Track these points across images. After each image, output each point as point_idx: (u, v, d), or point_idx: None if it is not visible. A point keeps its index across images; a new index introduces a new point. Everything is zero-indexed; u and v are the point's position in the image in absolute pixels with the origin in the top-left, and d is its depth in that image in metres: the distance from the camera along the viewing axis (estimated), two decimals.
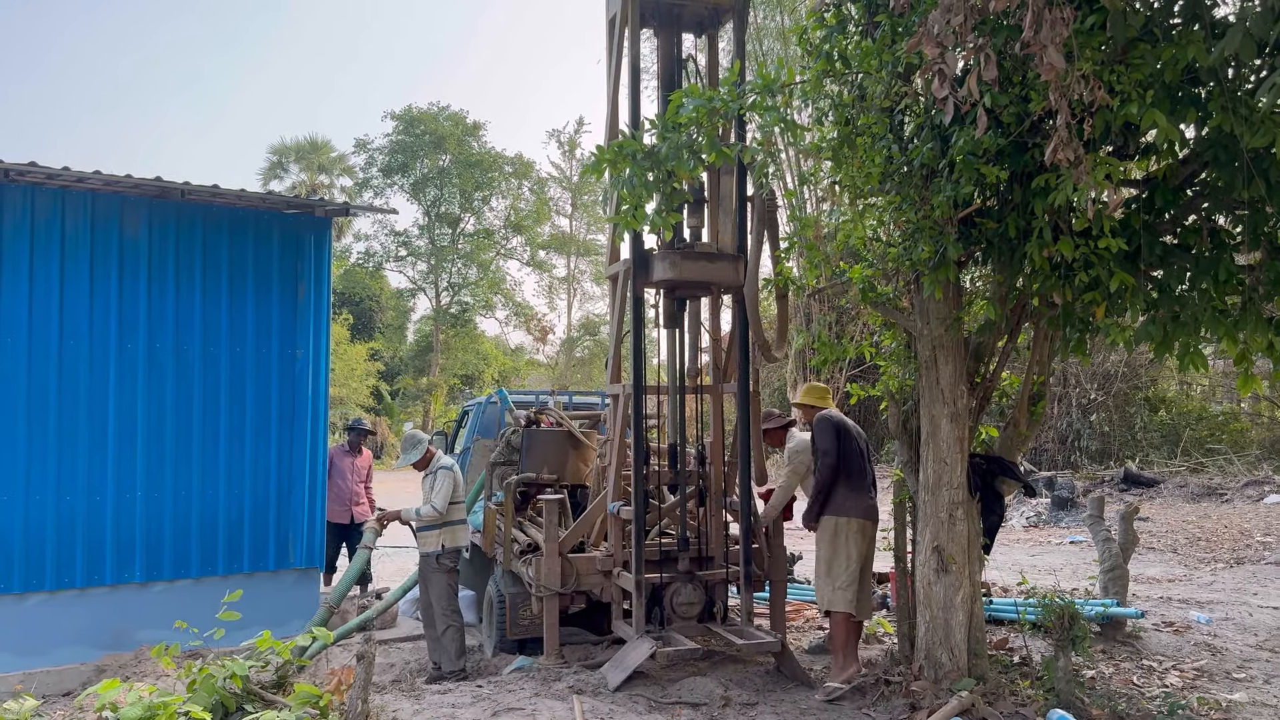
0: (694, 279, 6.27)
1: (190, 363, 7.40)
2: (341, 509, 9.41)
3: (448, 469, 6.98)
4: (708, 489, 6.74)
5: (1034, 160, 5.04)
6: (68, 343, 7.01)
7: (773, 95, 4.70)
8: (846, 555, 6.06)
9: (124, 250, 7.21)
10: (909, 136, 5.43)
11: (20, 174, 6.80)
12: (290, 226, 7.85)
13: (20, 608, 6.86)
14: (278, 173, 44.46)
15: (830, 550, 6.10)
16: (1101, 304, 5.23)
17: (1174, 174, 5.26)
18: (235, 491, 7.54)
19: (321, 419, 7.94)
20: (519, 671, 6.36)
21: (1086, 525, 9.07)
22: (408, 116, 41.55)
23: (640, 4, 6.43)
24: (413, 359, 43.53)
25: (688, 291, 6.64)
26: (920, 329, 5.75)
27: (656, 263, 6.24)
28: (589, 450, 7.69)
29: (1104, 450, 21.28)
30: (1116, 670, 6.46)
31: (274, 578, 7.66)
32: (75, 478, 7.03)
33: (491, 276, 44.21)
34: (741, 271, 6.27)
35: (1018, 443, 6.22)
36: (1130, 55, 4.50)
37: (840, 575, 6.04)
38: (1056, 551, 12.63)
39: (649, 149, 4.46)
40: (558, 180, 45.63)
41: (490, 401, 9.79)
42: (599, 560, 6.65)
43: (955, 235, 5.20)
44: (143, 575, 7.22)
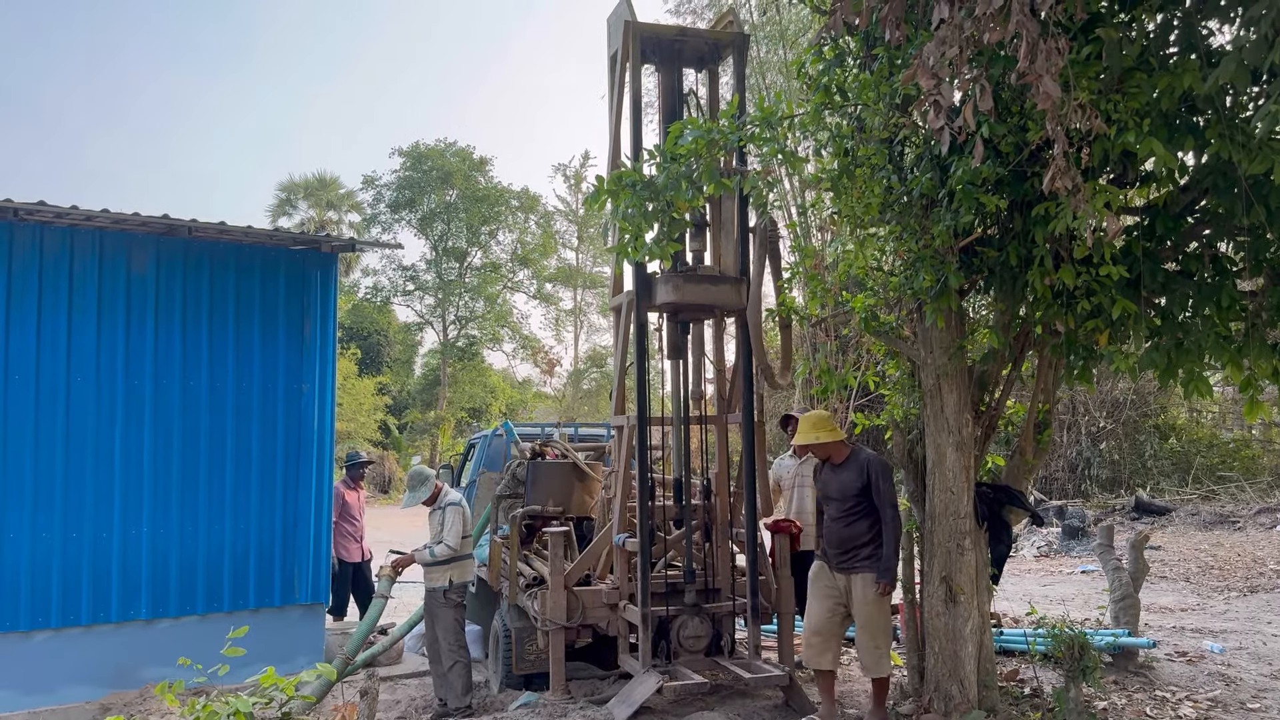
0: (697, 302, 6.29)
1: (197, 399, 7.43)
2: (355, 546, 9.40)
3: (456, 505, 6.98)
4: (714, 520, 6.71)
5: (1033, 189, 5.06)
6: (75, 380, 7.05)
7: (772, 127, 4.74)
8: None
9: (131, 288, 7.27)
10: (908, 167, 5.46)
11: (29, 213, 6.87)
12: (297, 262, 7.91)
13: (26, 645, 6.84)
14: (286, 209, 44.86)
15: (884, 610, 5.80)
16: (1104, 331, 5.24)
17: (1174, 201, 5.28)
18: (241, 527, 7.54)
19: (328, 454, 7.95)
20: (525, 707, 6.31)
21: (1096, 554, 9.00)
22: (415, 153, 41.92)
23: (641, 40, 6.49)
24: (420, 393, 43.60)
25: (691, 315, 6.66)
26: (923, 358, 5.76)
27: (659, 286, 6.28)
28: (594, 482, 7.68)
29: (1114, 479, 21.12)
30: (1129, 701, 6.39)
31: (280, 614, 7.63)
32: (82, 514, 7.04)
33: (498, 310, 44.38)
34: (744, 294, 6.29)
35: (1025, 471, 6.20)
36: (1127, 84, 4.54)
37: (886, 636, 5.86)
38: (1068, 581, 12.52)
39: (648, 179, 4.49)
40: (564, 214, 45.95)
41: (496, 434, 9.80)
42: (605, 593, 6.61)
43: (957, 264, 5.22)
44: (148, 612, 7.20)
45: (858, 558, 5.74)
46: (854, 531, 5.76)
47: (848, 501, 5.78)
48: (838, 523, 5.84)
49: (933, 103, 3.30)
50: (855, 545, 5.75)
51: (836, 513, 5.86)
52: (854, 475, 5.80)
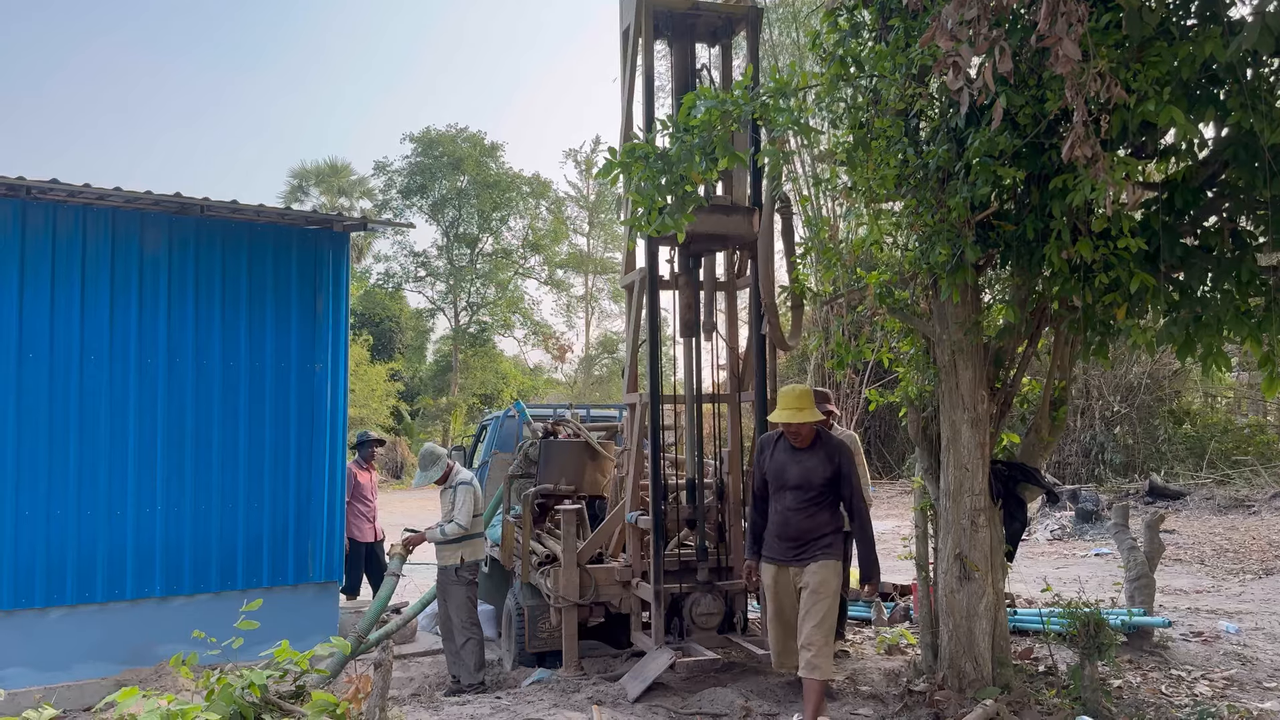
0: (709, 231, 6.24)
1: (210, 378, 7.43)
2: (369, 526, 9.43)
3: (467, 484, 6.98)
4: (727, 499, 6.69)
5: (1051, 161, 5.01)
6: (89, 359, 7.06)
7: (786, 99, 4.69)
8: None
9: (144, 267, 7.26)
10: (925, 140, 5.40)
11: (43, 192, 6.87)
12: (309, 242, 7.89)
13: (42, 622, 6.88)
14: (299, 196, 44.98)
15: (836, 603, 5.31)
16: (1122, 305, 5.18)
17: (1194, 175, 5.21)
18: (254, 505, 7.55)
19: (341, 432, 7.95)
20: (538, 684, 6.32)
21: (1111, 534, 8.95)
22: (426, 139, 41.90)
23: (654, 15, 6.45)
24: (432, 379, 43.68)
25: (702, 246, 6.59)
26: (939, 334, 5.71)
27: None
28: (606, 461, 7.67)
29: (1128, 463, 21.02)
30: (1144, 680, 6.35)
31: (293, 592, 7.65)
32: (96, 493, 7.06)
33: (510, 296, 44.39)
34: (756, 225, 6.20)
35: (1040, 448, 6.15)
36: (1146, 53, 4.47)
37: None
38: (1082, 564, 12.47)
39: (661, 151, 4.46)
40: (575, 199, 45.85)
41: (508, 415, 9.79)
42: (617, 571, 6.61)
43: (973, 238, 5.17)
44: (163, 590, 7.23)
45: (817, 547, 5.22)
46: (815, 523, 5.24)
47: (810, 490, 5.23)
48: (797, 514, 5.24)
49: (952, 64, 3.25)
50: (815, 537, 5.24)
51: (795, 503, 5.24)
52: (820, 462, 5.25)
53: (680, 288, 6.71)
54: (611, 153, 4.64)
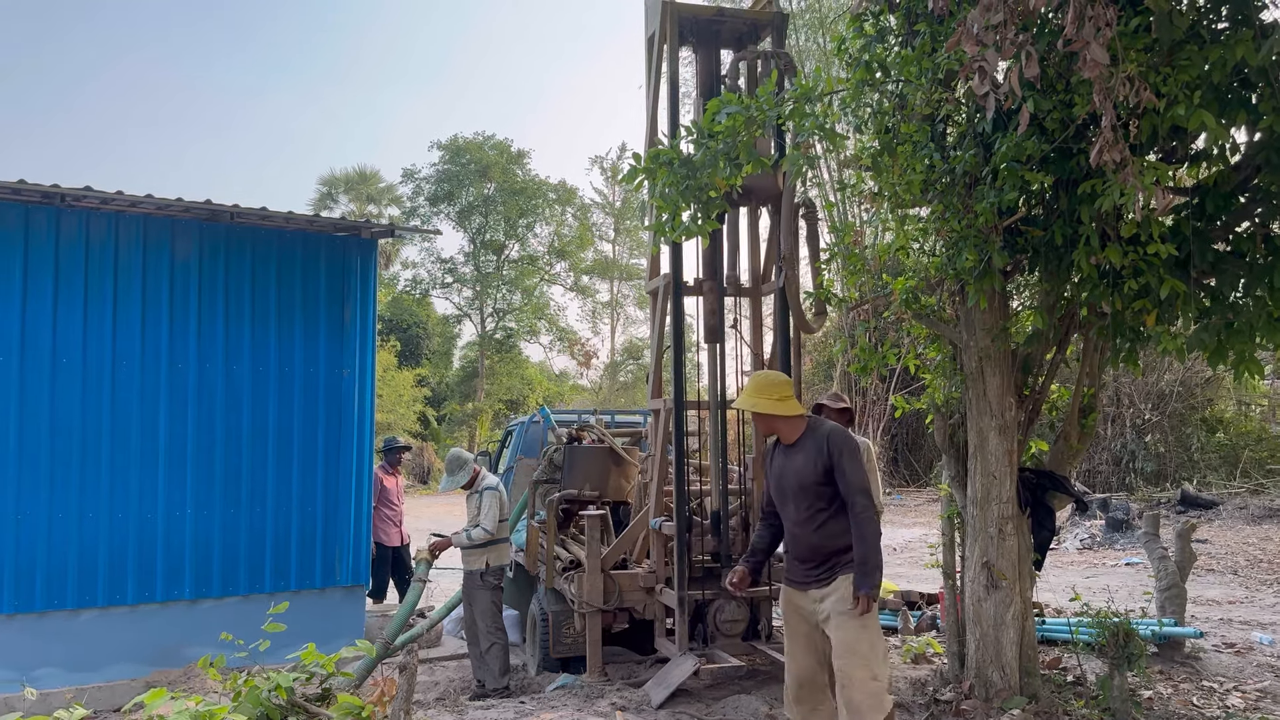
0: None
1: (239, 382, 7.52)
2: (395, 530, 9.49)
3: (493, 489, 7.01)
4: (751, 505, 6.67)
5: (1079, 166, 4.97)
6: (121, 364, 7.15)
7: (811, 104, 4.69)
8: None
9: (175, 273, 7.36)
10: (951, 145, 5.37)
11: (76, 199, 6.98)
12: (337, 248, 7.97)
13: (73, 624, 6.97)
14: (327, 203, 45.42)
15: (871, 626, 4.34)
16: (1152, 312, 5.12)
17: (1226, 180, 5.15)
18: (283, 509, 7.62)
19: (368, 437, 8.01)
20: (562, 689, 6.33)
21: (1142, 543, 8.84)
22: (454, 146, 42.20)
23: (679, 21, 6.46)
24: (458, 384, 43.89)
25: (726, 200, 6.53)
26: (965, 340, 5.67)
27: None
28: (630, 467, 7.67)
29: (1160, 472, 20.75)
30: (1175, 691, 6.26)
31: (320, 595, 7.71)
32: (128, 497, 7.15)
33: (535, 302, 44.55)
34: (781, 181, 6.14)
35: (1069, 456, 6.09)
36: (1176, 56, 4.43)
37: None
38: (1112, 573, 12.32)
39: (685, 157, 4.46)
40: (601, 206, 45.98)
41: (533, 421, 9.82)
42: (641, 577, 6.61)
43: (1000, 243, 5.13)
44: (192, 593, 7.31)
45: (839, 564, 4.35)
46: (826, 535, 4.38)
47: (808, 495, 4.38)
48: (803, 528, 4.42)
49: (977, 69, 3.24)
50: (832, 551, 4.37)
51: (799, 514, 4.42)
52: (810, 458, 4.37)
53: (704, 293, 6.71)
54: (636, 159, 4.65)
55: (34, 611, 6.85)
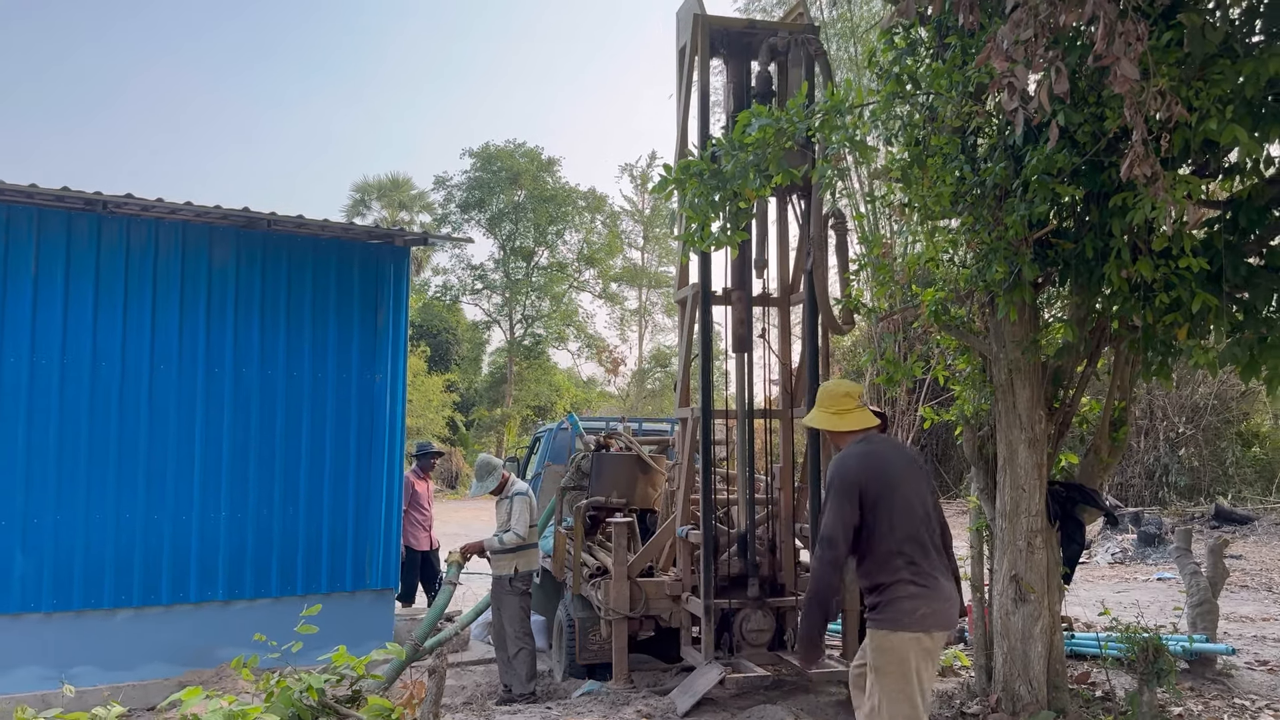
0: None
1: (274, 387, 7.64)
2: (424, 535, 9.58)
3: (523, 494, 7.07)
4: (778, 515, 6.69)
5: (1110, 179, 4.95)
6: (159, 368, 7.29)
7: (841, 116, 4.71)
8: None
9: (212, 279, 7.49)
10: (981, 157, 5.38)
11: (118, 206, 7.13)
12: (371, 255, 8.08)
13: (109, 623, 7.10)
14: (360, 210, 45.91)
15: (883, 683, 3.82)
16: (1184, 325, 5.10)
17: (1260, 194, 5.12)
18: (314, 512, 7.73)
19: (399, 442, 8.11)
20: (588, 695, 6.36)
21: (1174, 558, 8.75)
22: (485, 154, 42.52)
23: (710, 33, 6.51)
24: (487, 390, 44.14)
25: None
26: (995, 352, 5.66)
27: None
28: (658, 475, 7.71)
29: (1193, 486, 20.49)
30: (1205, 708, 6.20)
31: (351, 598, 7.80)
32: (164, 498, 7.27)
33: (564, 309, 44.72)
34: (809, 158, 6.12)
35: (1099, 470, 6.05)
36: (1209, 71, 4.41)
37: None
38: (1143, 588, 12.18)
39: (715, 168, 4.50)
40: (630, 214, 46.11)
41: (561, 427, 9.89)
42: (668, 585, 6.63)
43: (1030, 256, 5.13)
44: (225, 594, 7.42)
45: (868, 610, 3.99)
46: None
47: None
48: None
49: (1007, 85, 3.26)
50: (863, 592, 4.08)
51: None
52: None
53: (733, 303, 6.74)
54: (667, 169, 4.70)
55: (71, 610, 6.98)
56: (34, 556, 6.89)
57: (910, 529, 3.84)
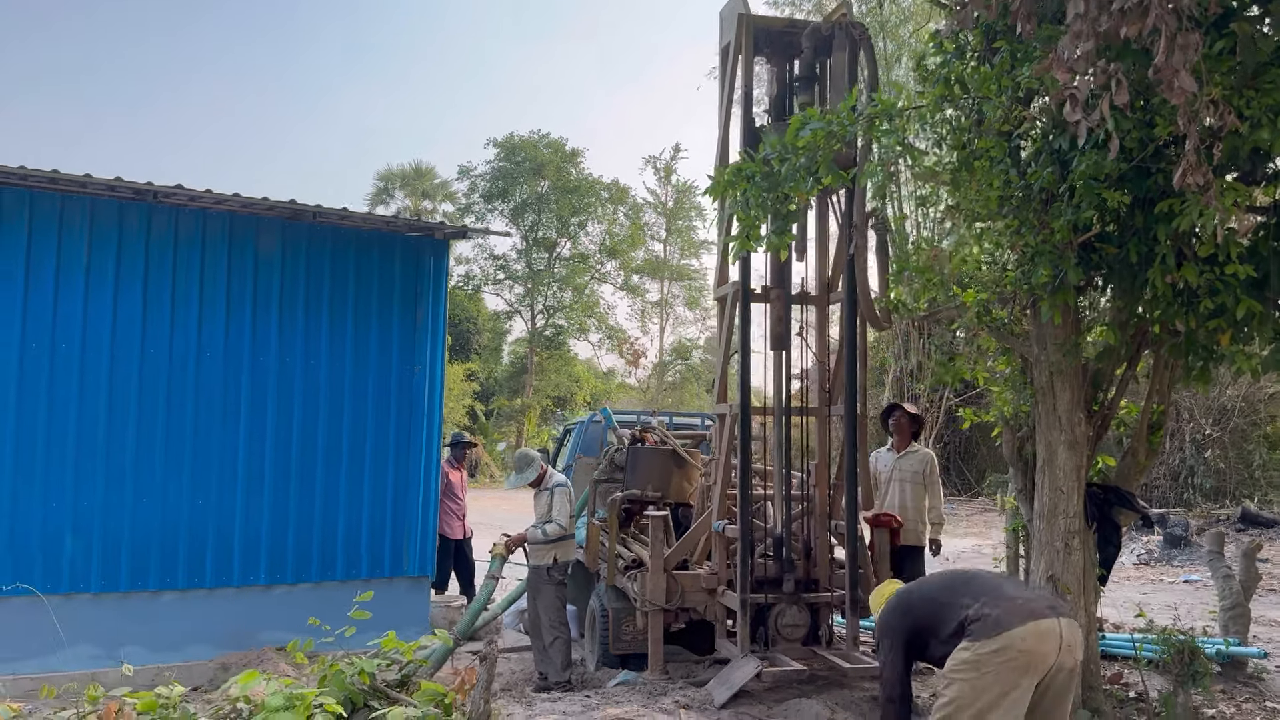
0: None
1: (316, 377, 7.77)
2: (458, 524, 9.71)
3: (564, 485, 7.19)
4: (814, 512, 6.76)
5: (1156, 185, 4.99)
6: (205, 356, 7.43)
7: (890, 120, 4.77)
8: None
9: (259, 270, 7.62)
10: (1027, 161, 5.42)
11: (168, 196, 7.26)
12: (411, 248, 8.20)
13: (155, 604, 7.26)
14: (384, 198, 46.04)
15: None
16: (1227, 331, 5.13)
17: None
18: (354, 499, 7.86)
19: (436, 432, 8.23)
20: (624, 685, 6.46)
21: (1206, 562, 8.77)
22: (509, 144, 42.59)
23: (754, 32, 6.56)
24: (507, 380, 44.30)
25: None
26: (1037, 354, 5.70)
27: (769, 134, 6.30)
28: (692, 469, 7.79)
29: (1219, 488, 20.41)
30: (1238, 711, 6.24)
31: (388, 584, 7.93)
32: (208, 483, 7.42)
33: (586, 300, 44.80)
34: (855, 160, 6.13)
35: (1136, 472, 6.10)
36: (1260, 80, 4.44)
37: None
38: (1170, 590, 12.19)
39: (767, 171, 4.57)
40: (653, 206, 46.08)
41: (594, 420, 9.98)
42: (703, 578, 6.72)
43: (1075, 260, 5.17)
44: (267, 578, 7.57)
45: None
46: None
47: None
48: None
49: (1069, 97, 3.31)
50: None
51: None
52: None
53: (771, 301, 6.80)
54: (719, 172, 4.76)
55: (119, 591, 7.14)
56: (83, 539, 7.05)
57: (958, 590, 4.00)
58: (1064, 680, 3.78)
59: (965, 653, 3.70)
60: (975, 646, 3.67)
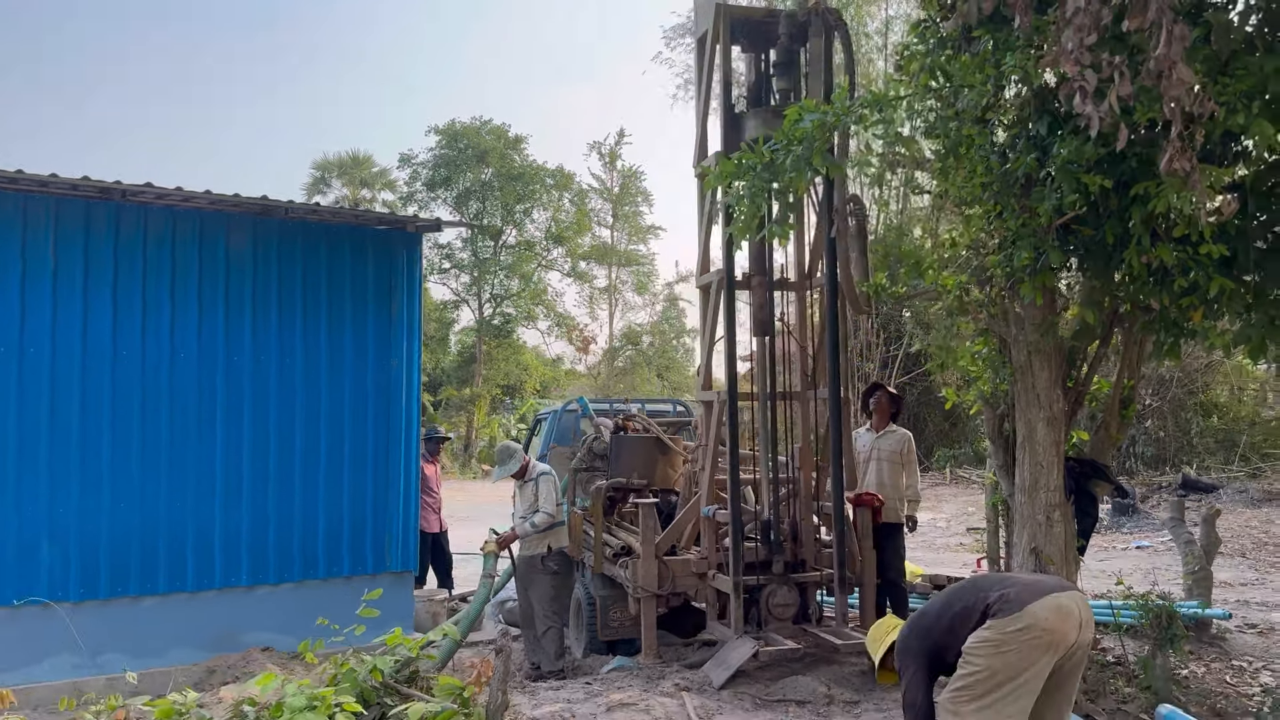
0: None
1: (292, 373, 7.68)
2: (434, 517, 9.69)
3: (548, 474, 7.23)
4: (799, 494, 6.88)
5: (1130, 169, 5.17)
6: (179, 357, 7.30)
7: (881, 110, 4.87)
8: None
9: (230, 267, 7.50)
10: (1005, 145, 5.57)
11: (135, 194, 7.11)
12: (384, 242, 8.13)
13: (136, 610, 7.14)
14: (320, 188, 45.24)
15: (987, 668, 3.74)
16: (1199, 308, 5.35)
17: (1263, 179, 5.37)
18: (334, 497, 7.80)
19: (415, 426, 8.20)
20: (620, 670, 6.54)
21: (1168, 529, 9.11)
22: (450, 131, 42.11)
23: (731, 21, 6.63)
24: (455, 370, 43.95)
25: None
26: (1015, 335, 5.89)
27: (749, 121, 6.44)
28: (676, 456, 7.88)
29: (1159, 456, 21.12)
30: (1208, 670, 6.54)
31: (372, 581, 7.87)
32: (185, 486, 7.31)
33: (534, 288, 44.60)
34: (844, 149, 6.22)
35: (1109, 445, 6.34)
36: (1233, 66, 4.63)
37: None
38: (1123, 557, 12.62)
39: (769, 161, 4.65)
40: (598, 192, 45.98)
41: (568, 409, 10.02)
42: (694, 563, 6.82)
43: (1055, 242, 5.34)
44: (249, 579, 7.49)
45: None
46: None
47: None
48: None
49: (1079, 89, 3.43)
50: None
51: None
52: None
53: (753, 288, 6.90)
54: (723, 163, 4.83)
55: (98, 599, 7.02)
56: (60, 547, 6.91)
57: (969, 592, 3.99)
58: (1079, 658, 3.87)
59: (987, 632, 3.70)
60: (998, 625, 3.67)
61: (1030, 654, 3.66)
